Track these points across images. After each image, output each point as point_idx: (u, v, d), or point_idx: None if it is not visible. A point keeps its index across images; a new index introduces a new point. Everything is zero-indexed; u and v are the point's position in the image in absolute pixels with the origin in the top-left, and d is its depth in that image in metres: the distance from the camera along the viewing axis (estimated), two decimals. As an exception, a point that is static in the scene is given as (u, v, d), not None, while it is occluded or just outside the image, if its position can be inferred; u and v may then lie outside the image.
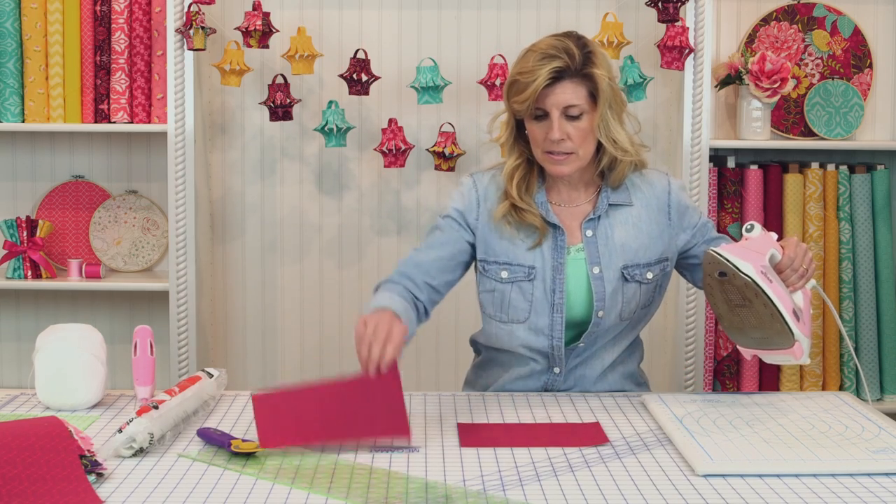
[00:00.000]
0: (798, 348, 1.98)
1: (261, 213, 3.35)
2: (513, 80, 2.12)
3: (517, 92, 2.10)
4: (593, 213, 2.18)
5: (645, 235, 2.18)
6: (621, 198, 2.19)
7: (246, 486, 1.59)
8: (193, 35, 2.99)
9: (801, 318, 2.00)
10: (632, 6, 3.25)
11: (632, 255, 2.17)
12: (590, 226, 2.18)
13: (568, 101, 2.09)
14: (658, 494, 1.57)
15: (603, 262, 2.16)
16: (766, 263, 1.97)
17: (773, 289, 1.94)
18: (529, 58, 2.10)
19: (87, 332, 2.05)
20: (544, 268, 2.16)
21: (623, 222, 2.18)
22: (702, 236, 2.23)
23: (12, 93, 3.14)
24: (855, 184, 3.24)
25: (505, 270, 2.19)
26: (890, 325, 3.26)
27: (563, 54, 2.08)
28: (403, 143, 3.14)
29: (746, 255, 1.95)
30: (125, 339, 3.25)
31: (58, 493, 1.51)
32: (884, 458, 1.70)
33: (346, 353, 3.38)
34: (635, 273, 2.17)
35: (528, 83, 2.08)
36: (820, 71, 3.29)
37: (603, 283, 2.15)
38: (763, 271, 1.94)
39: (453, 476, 1.65)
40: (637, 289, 2.17)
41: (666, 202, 2.21)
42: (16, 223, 3.19)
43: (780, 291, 1.96)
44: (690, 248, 2.23)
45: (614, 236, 2.17)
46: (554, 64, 2.07)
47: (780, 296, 1.96)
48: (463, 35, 3.30)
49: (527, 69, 2.09)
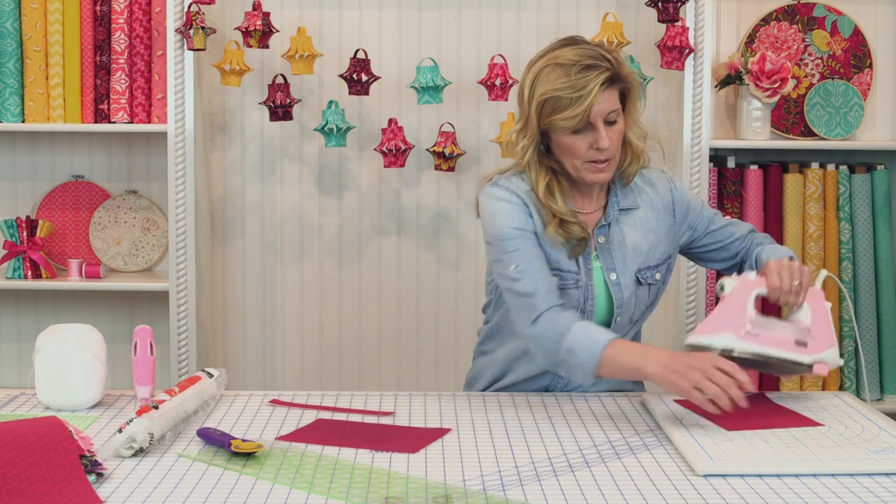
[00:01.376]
0: (820, 367, 1.98)
1: (261, 213, 3.35)
2: (551, 97, 2.04)
3: (562, 108, 2.03)
4: (604, 220, 2.16)
5: (653, 236, 2.18)
6: (629, 202, 2.18)
7: (246, 486, 1.59)
8: (193, 35, 2.99)
9: (813, 335, 1.98)
10: (632, 6, 3.25)
11: (643, 258, 2.17)
12: (601, 232, 2.16)
13: (611, 108, 2.06)
14: (658, 494, 1.57)
15: (618, 268, 2.15)
16: (749, 316, 1.95)
17: (762, 342, 1.93)
18: (562, 72, 2.04)
19: (87, 332, 2.05)
20: (581, 275, 2.14)
21: (632, 225, 2.17)
22: (704, 228, 2.24)
23: (12, 93, 3.14)
24: (855, 184, 3.24)
25: (556, 276, 2.12)
26: (890, 325, 3.25)
27: (603, 62, 2.05)
28: (403, 143, 3.14)
29: (722, 325, 1.95)
30: (125, 339, 3.24)
31: (58, 493, 1.51)
32: (884, 458, 1.70)
33: (345, 352, 3.38)
34: (647, 276, 2.17)
35: (578, 97, 2.02)
36: (820, 71, 3.29)
37: (621, 288, 2.15)
38: (748, 331, 1.93)
39: (453, 476, 1.65)
40: (647, 291, 2.18)
41: (670, 200, 2.21)
42: (16, 223, 3.19)
43: (773, 338, 1.95)
44: (693, 240, 2.25)
45: (626, 241, 2.16)
46: (602, 74, 2.03)
47: (776, 342, 1.95)
48: (463, 35, 3.30)
49: (569, 84, 2.03)
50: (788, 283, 2.00)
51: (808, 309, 2.03)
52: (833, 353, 2.02)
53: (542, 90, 2.06)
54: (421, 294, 3.35)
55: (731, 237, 2.26)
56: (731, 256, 2.27)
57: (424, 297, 3.34)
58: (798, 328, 2.01)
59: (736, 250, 2.26)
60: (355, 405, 2.07)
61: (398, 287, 3.37)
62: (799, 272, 2.01)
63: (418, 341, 3.36)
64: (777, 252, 2.15)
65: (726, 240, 2.25)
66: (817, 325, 2.02)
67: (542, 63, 2.09)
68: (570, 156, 2.09)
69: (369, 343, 3.38)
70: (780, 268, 2.01)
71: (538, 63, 2.10)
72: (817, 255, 3.22)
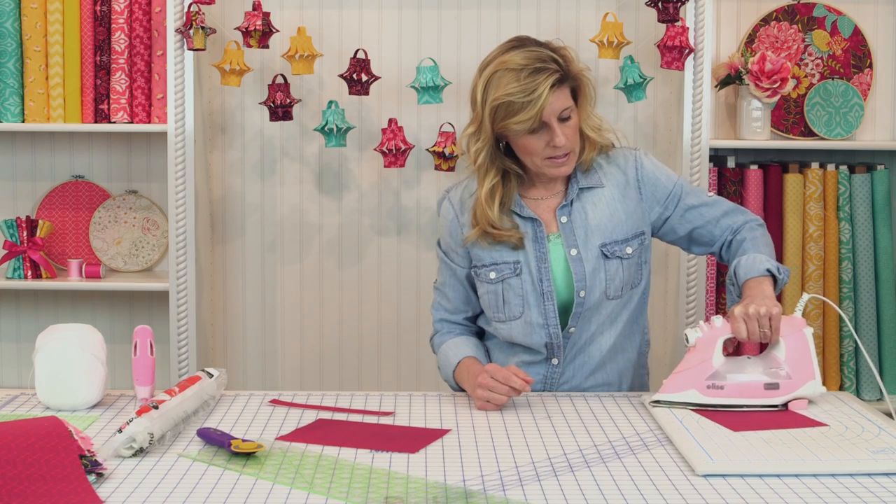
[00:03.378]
0: (797, 404, 1.99)
1: (261, 213, 3.35)
2: (502, 102, 2.10)
3: (514, 112, 2.10)
4: (565, 200, 2.22)
5: (620, 212, 2.22)
6: (592, 181, 2.23)
7: (246, 486, 1.59)
8: (193, 35, 2.99)
9: (788, 373, 1.99)
10: (632, 6, 3.25)
11: (608, 232, 2.21)
12: (563, 212, 2.22)
13: (563, 106, 2.13)
14: (658, 494, 1.57)
15: (580, 244, 2.20)
16: (714, 367, 1.98)
17: (728, 395, 1.96)
18: (512, 76, 2.09)
19: (87, 332, 2.05)
20: (528, 260, 2.21)
21: (595, 203, 2.22)
22: (673, 206, 2.25)
23: (12, 93, 3.14)
24: (855, 184, 3.24)
25: (492, 271, 2.23)
26: (890, 325, 3.25)
27: (550, 63, 2.12)
28: (403, 143, 3.14)
29: (686, 382, 1.97)
30: (125, 339, 3.25)
31: (58, 493, 1.51)
32: (884, 458, 1.70)
33: (345, 353, 3.38)
34: (615, 249, 2.20)
35: (529, 101, 2.08)
36: (820, 71, 3.29)
37: (582, 263, 2.19)
38: (709, 385, 1.96)
39: (453, 476, 1.65)
40: (619, 265, 2.21)
41: (635, 178, 2.24)
42: (16, 223, 3.19)
43: (740, 388, 1.97)
44: (666, 219, 2.26)
45: (588, 218, 2.21)
46: (551, 76, 2.10)
47: (743, 391, 1.97)
48: (463, 35, 3.30)
49: (519, 88, 2.08)
50: (756, 332, 1.99)
51: (784, 344, 2.01)
52: (812, 385, 2.00)
53: (493, 95, 2.12)
54: (421, 294, 3.35)
55: (702, 220, 2.24)
56: (708, 242, 2.26)
57: (424, 297, 3.34)
58: (770, 368, 2.00)
59: (713, 237, 2.25)
60: (355, 405, 2.07)
61: (398, 287, 3.37)
62: (766, 318, 1.99)
63: (418, 341, 3.36)
64: (753, 267, 2.10)
65: (697, 221, 2.25)
66: (794, 359, 2.00)
67: (492, 68, 2.14)
68: (529, 155, 2.17)
69: (369, 343, 3.38)
70: (747, 317, 1.99)
71: (488, 68, 2.15)
72: (817, 255, 3.22)
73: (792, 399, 1.99)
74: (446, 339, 2.31)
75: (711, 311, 3.21)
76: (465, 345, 2.27)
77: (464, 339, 2.29)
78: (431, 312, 2.38)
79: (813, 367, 2.01)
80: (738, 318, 2.00)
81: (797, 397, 2.00)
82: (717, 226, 2.25)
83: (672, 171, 2.30)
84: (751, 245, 2.19)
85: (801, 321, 2.05)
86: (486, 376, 2.04)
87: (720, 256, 2.28)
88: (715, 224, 2.25)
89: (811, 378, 2.01)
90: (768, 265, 2.11)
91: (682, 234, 2.28)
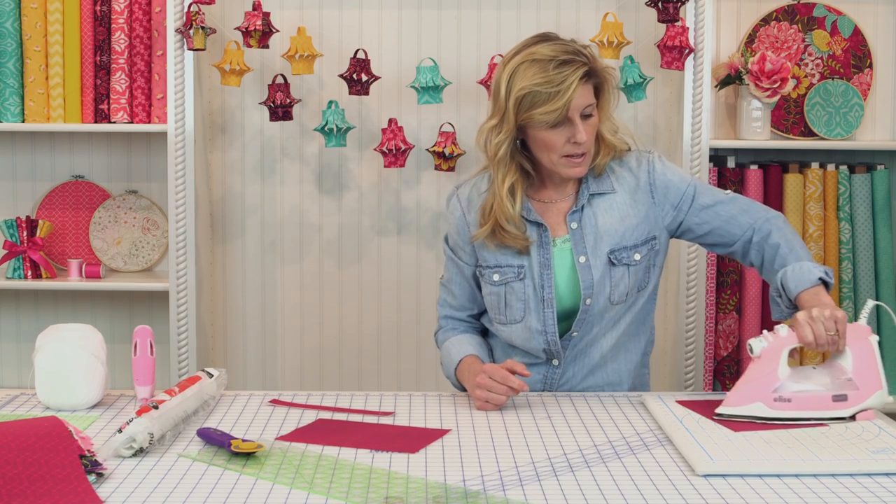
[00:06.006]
0: (864, 415, 1.93)
1: (261, 213, 3.35)
2: (528, 92, 2.08)
3: (541, 103, 2.07)
4: (576, 206, 2.20)
5: (632, 218, 2.20)
6: (603, 186, 2.21)
7: (246, 486, 1.59)
8: (193, 35, 2.99)
9: (855, 383, 1.92)
10: (632, 6, 3.25)
11: (618, 238, 2.19)
12: (574, 218, 2.20)
13: (587, 102, 2.12)
14: (658, 494, 1.57)
15: (589, 251, 2.18)
16: (781, 378, 1.91)
17: (795, 408, 1.89)
18: (539, 67, 2.08)
19: (87, 332, 2.05)
20: (531, 265, 2.20)
21: (606, 209, 2.20)
22: (687, 207, 2.20)
23: (12, 93, 3.14)
24: (855, 184, 3.24)
25: (497, 273, 2.23)
26: (890, 325, 3.25)
27: (579, 56, 2.10)
28: (403, 143, 3.14)
29: (752, 394, 1.90)
30: (125, 339, 3.25)
31: (58, 493, 1.51)
32: (884, 458, 1.70)
33: (345, 353, 3.38)
34: (622, 256, 2.19)
35: (557, 92, 2.06)
36: (820, 71, 3.29)
37: (590, 270, 2.18)
38: (776, 398, 1.89)
39: (453, 476, 1.65)
40: (625, 271, 2.19)
41: (647, 182, 2.22)
42: (16, 223, 3.19)
43: (807, 399, 1.90)
44: (681, 222, 2.22)
45: (598, 224, 2.19)
46: (580, 69, 2.08)
47: (810, 403, 1.90)
48: (463, 35, 3.30)
49: (547, 79, 2.06)
50: (823, 336, 1.92)
51: (850, 353, 1.95)
52: (880, 395, 1.93)
53: (519, 86, 2.09)
54: (421, 294, 3.35)
55: (719, 219, 2.19)
56: (727, 242, 2.20)
57: (424, 298, 3.34)
58: (837, 379, 1.94)
59: (733, 236, 2.18)
60: (355, 405, 2.07)
61: (398, 287, 3.37)
62: (832, 320, 1.93)
63: (418, 341, 3.36)
64: (803, 278, 2.03)
65: (713, 221, 2.19)
66: (861, 369, 1.93)
67: (518, 59, 2.12)
68: (547, 150, 2.14)
69: (369, 343, 3.38)
70: (812, 320, 1.92)
71: (514, 59, 2.13)
72: (817, 256, 3.22)
73: (860, 410, 1.93)
74: (450, 336, 2.31)
75: (712, 311, 3.21)
76: (468, 342, 2.27)
77: (467, 337, 2.29)
78: (437, 307, 2.39)
79: (880, 376, 1.94)
80: (802, 323, 1.92)
81: (866, 408, 1.93)
82: (736, 224, 2.18)
83: (686, 173, 2.26)
84: (788, 250, 2.10)
85: (866, 329, 1.98)
86: (485, 376, 2.04)
87: (743, 258, 2.20)
88: (733, 222, 2.18)
89: (878, 388, 1.94)
90: (819, 273, 2.03)
91: (700, 233, 2.22)
